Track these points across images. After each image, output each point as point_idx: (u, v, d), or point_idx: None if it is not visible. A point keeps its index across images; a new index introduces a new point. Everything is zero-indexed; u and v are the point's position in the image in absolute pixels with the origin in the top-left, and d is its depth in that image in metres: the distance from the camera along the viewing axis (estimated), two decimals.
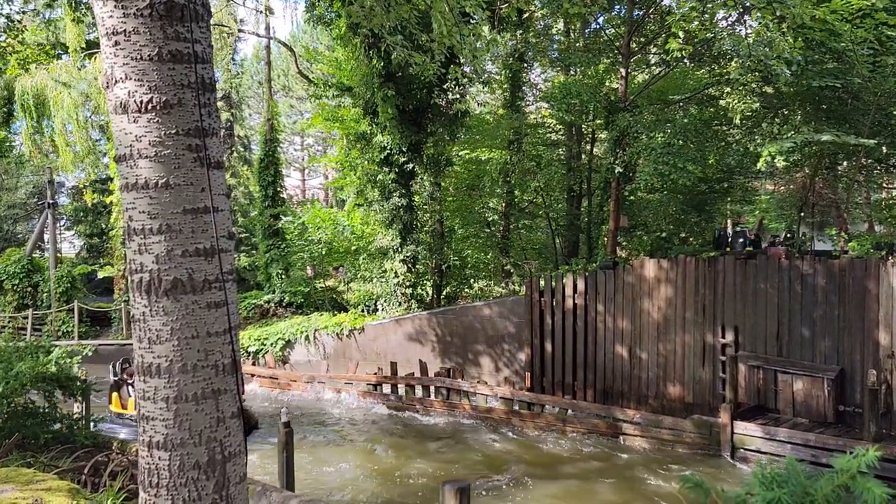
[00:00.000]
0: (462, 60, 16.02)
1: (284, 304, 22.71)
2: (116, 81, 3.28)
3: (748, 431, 12.10)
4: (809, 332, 12.58)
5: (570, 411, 14.80)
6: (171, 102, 3.27)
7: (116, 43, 3.25)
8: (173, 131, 3.27)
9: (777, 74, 10.12)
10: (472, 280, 24.03)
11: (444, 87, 18.61)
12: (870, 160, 16.39)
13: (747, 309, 13.42)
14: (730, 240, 16.80)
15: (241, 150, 30.52)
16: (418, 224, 20.42)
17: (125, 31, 3.23)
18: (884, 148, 14.23)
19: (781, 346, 12.98)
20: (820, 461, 11.09)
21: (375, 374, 17.57)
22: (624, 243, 19.98)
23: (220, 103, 29.63)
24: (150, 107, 3.24)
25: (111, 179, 26.70)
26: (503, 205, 21.93)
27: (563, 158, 22.49)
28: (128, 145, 3.29)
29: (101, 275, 33.24)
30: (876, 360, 11.71)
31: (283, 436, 8.36)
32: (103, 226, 28.60)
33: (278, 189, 24.25)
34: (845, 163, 18.10)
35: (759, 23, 9.95)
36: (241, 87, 31.42)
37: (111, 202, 26.52)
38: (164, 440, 3.34)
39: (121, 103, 3.28)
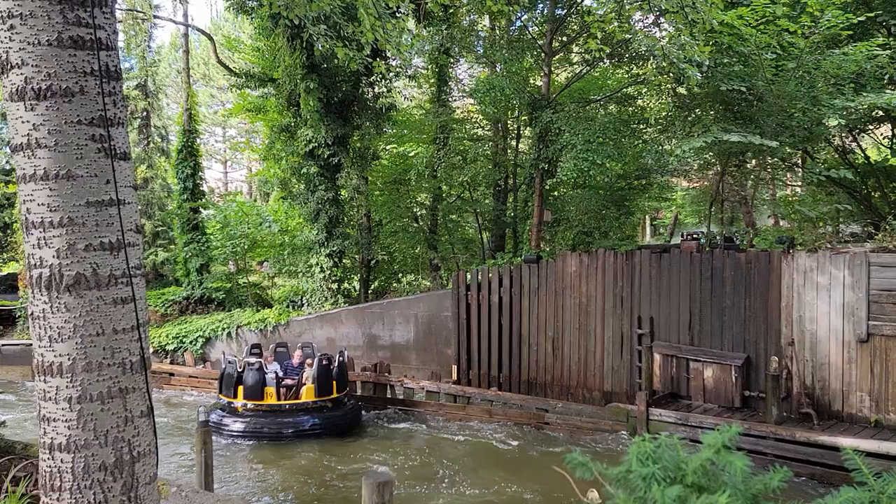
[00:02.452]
0: (388, 54, 15.96)
1: (205, 301, 22.04)
2: (12, 67, 3.12)
3: (662, 417, 12.66)
4: (719, 322, 13.25)
5: (495, 403, 15.08)
6: (73, 90, 3.13)
7: (12, 27, 3.09)
8: (75, 120, 3.14)
9: (688, 76, 10.59)
10: (400, 274, 24.03)
11: (371, 80, 18.49)
12: (774, 159, 17.35)
13: (662, 300, 14.00)
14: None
15: (159, 140, 29.31)
16: (345, 218, 20.24)
17: (21, 14, 3.07)
18: (787, 148, 15.11)
19: (693, 336, 13.62)
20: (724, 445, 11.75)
21: None
22: (548, 237, 20.46)
23: (135, 92, 28.36)
24: (48, 94, 3.10)
25: (14, 170, 25.11)
26: (431, 199, 22.01)
27: (489, 153, 22.76)
28: (25, 134, 3.14)
29: (4, 271, 31.27)
30: (778, 347, 12.46)
31: (200, 435, 8.14)
32: (6, 219, 26.91)
33: (198, 181, 23.45)
34: (753, 161, 19.11)
35: (673, 26, 10.40)
36: (158, 75, 30.09)
37: (15, 193, 24.99)
38: (66, 442, 3.21)
39: (17, 90, 3.12)
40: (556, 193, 20.96)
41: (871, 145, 20.50)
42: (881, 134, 19.18)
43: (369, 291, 21.64)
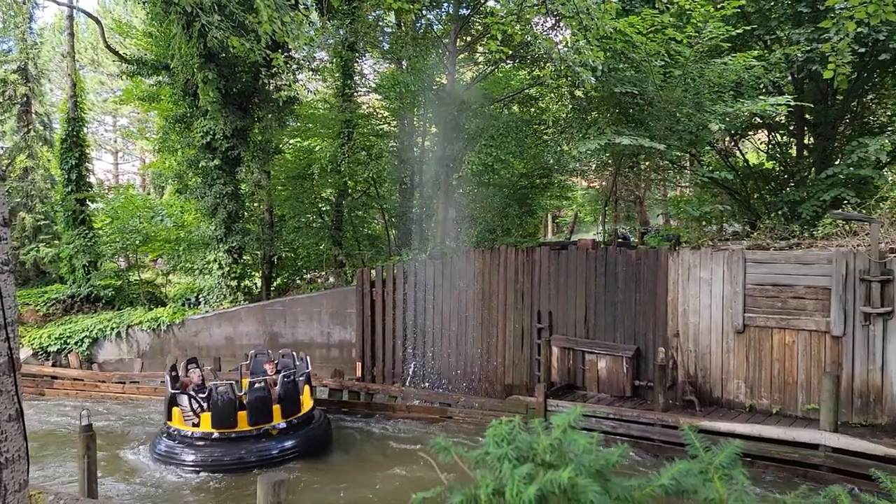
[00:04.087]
0: (290, 46, 15.60)
1: (92, 299, 20.79)
2: None
3: (559, 408, 13.10)
4: (612, 316, 13.88)
5: (398, 399, 15.12)
6: None
7: None
8: None
9: (583, 80, 11.01)
10: (304, 271, 23.61)
11: (272, 71, 18.03)
12: (665, 161, 18.35)
13: (560, 296, 14.50)
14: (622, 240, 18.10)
15: (41, 128, 27.26)
16: (245, 213, 19.66)
17: None
18: (676, 151, 16.02)
19: (589, 329, 14.19)
20: (617, 431, 12.36)
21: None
22: (452, 234, 20.71)
23: (14, 76, 26.28)
24: None
25: None
26: (335, 195, 21.75)
27: (395, 150, 22.75)
28: None
29: None
30: (665, 339, 13.20)
31: (83, 440, 7.69)
32: None
33: (84, 172, 22.04)
34: (647, 163, 20.14)
35: (571, 31, 10.78)
36: (41, 59, 28.02)
37: None
38: None
39: None
40: (461, 191, 21.22)
41: (751, 149, 22.06)
42: (758, 139, 20.69)
43: (272, 289, 21.14)
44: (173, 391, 12.18)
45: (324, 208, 22.30)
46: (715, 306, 12.69)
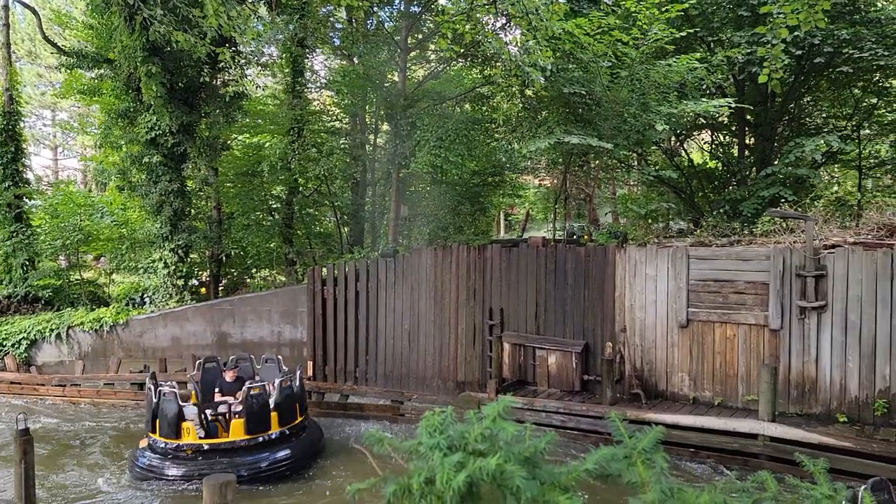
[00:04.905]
0: (238, 41, 15.32)
1: (30, 300, 20.01)
2: None
3: (511, 404, 13.23)
4: (561, 312, 14.09)
5: (350, 398, 15.05)
6: None
7: None
8: None
9: (533, 79, 11.16)
10: (253, 270, 23.25)
11: (220, 66, 17.68)
12: (613, 160, 18.73)
13: (511, 292, 14.65)
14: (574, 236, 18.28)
15: None
16: (192, 211, 19.23)
17: None
18: (623, 150, 16.38)
19: (539, 325, 14.37)
20: (567, 425, 12.58)
21: (141, 371, 16.25)
22: (405, 232, 20.71)
23: None
24: None
25: None
26: (286, 192, 21.48)
27: (346, 147, 22.60)
28: None
29: None
30: (612, 334, 13.48)
31: (20, 444, 7.42)
32: None
33: (20, 168, 21.17)
34: (596, 162, 20.52)
35: (521, 31, 10.91)
36: None
37: None
38: None
39: None
40: (413, 189, 21.23)
41: (695, 149, 22.71)
42: (702, 139, 21.32)
43: (220, 287, 20.75)
44: (182, 404, 11.02)
45: (274, 206, 22.00)
46: (660, 302, 13.02)
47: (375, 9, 18.54)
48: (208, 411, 11.15)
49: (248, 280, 22.69)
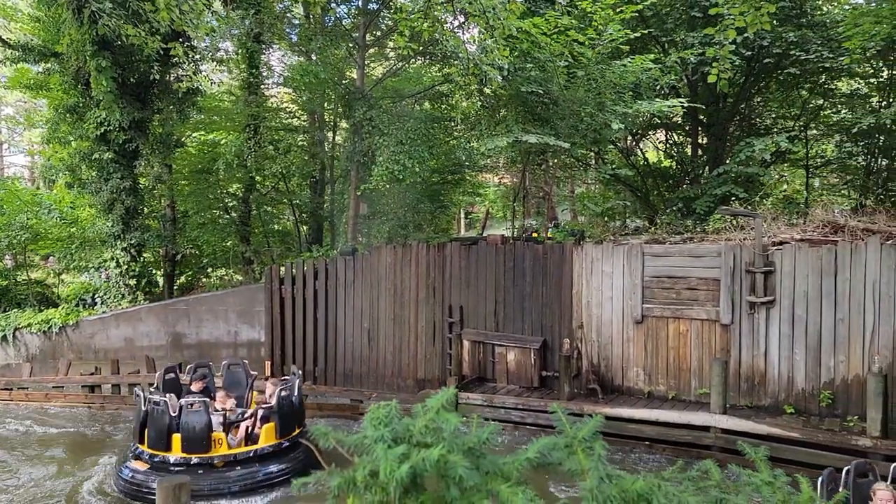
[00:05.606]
0: (192, 36, 15.01)
1: None
2: None
3: (470, 401, 13.32)
4: (520, 309, 14.22)
5: (309, 397, 14.90)
6: None
7: None
8: None
9: (490, 78, 11.22)
10: (209, 269, 22.83)
11: (173, 61, 17.30)
12: (571, 158, 18.97)
13: (471, 290, 14.72)
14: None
15: None
16: (145, 209, 18.80)
17: None
18: (580, 149, 16.61)
19: (498, 322, 14.48)
20: (526, 421, 12.71)
21: (93, 374, 15.81)
22: (364, 230, 20.60)
23: None
24: None
25: None
26: (243, 190, 21.15)
27: (305, 145, 22.36)
28: None
29: None
30: (570, 330, 13.66)
31: None
32: None
33: None
34: (554, 160, 20.75)
35: (479, 30, 10.95)
36: None
37: None
38: None
39: None
40: (371, 187, 21.13)
41: (651, 148, 23.15)
42: (657, 139, 21.75)
43: (175, 287, 20.33)
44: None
45: (230, 204, 21.64)
46: (616, 298, 13.25)
47: (333, 5, 18.40)
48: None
49: (204, 279, 22.28)
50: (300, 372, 11.98)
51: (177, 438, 9.82)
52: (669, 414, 11.70)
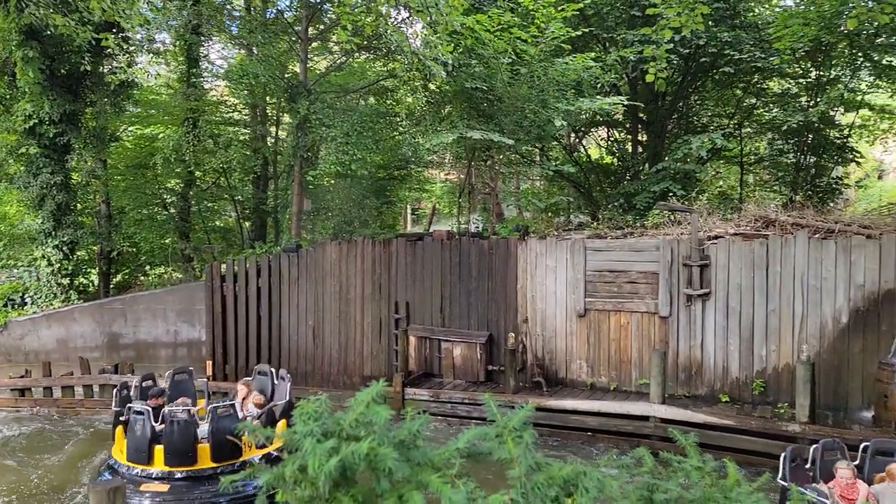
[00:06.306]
0: (125, 26, 14.48)
1: None
2: None
3: (417, 396, 13.33)
4: (466, 304, 14.30)
5: None
6: None
7: None
8: None
9: (434, 74, 11.23)
10: (147, 267, 22.13)
11: (106, 52, 16.67)
12: (516, 154, 19.16)
13: (417, 286, 14.71)
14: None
15: None
16: (78, 205, 18.08)
17: None
18: (525, 145, 16.79)
19: (445, 318, 14.52)
20: (472, 416, 12.79)
21: (22, 376, 15.11)
22: (309, 226, 20.33)
23: None
24: None
25: None
26: (182, 185, 20.57)
27: (247, 139, 21.91)
28: None
29: None
30: (515, 324, 13.82)
31: None
32: None
33: None
34: (499, 156, 20.93)
35: (422, 25, 10.94)
36: None
37: None
38: None
39: None
40: (316, 182, 20.87)
41: (593, 145, 23.59)
42: (599, 136, 22.17)
43: (111, 286, 19.63)
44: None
45: (169, 200, 21.02)
46: (560, 292, 13.46)
47: None
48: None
49: (142, 278, 21.59)
50: (289, 376, 10.98)
51: (159, 450, 8.83)
52: (611, 405, 11.97)
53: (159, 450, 8.79)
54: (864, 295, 11.16)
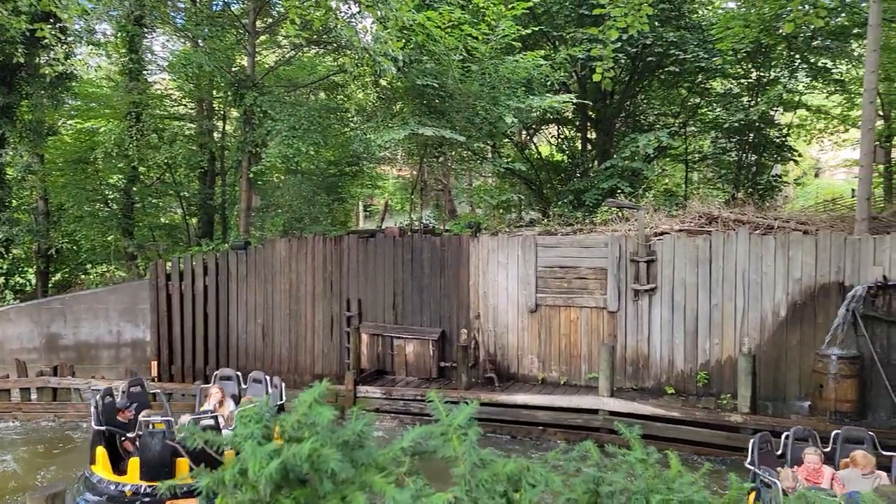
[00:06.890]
0: (62, 17, 13.92)
1: None
2: None
3: (369, 394, 13.26)
4: (418, 301, 14.28)
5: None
6: None
7: None
8: None
9: (384, 69, 11.16)
10: (89, 265, 21.36)
11: (42, 43, 15.99)
12: (468, 151, 19.23)
13: (369, 283, 14.62)
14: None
15: None
16: (13, 201, 17.32)
17: None
18: (477, 142, 16.85)
19: (397, 315, 14.47)
20: (425, 412, 12.78)
21: None
22: (258, 223, 19.96)
23: None
24: None
25: None
26: (125, 181, 19.92)
27: (193, 134, 21.35)
28: None
29: None
30: (468, 321, 13.87)
31: None
32: None
33: None
34: (451, 153, 20.97)
35: (373, 20, 10.84)
36: None
37: None
38: None
39: None
40: (265, 178, 20.49)
41: (544, 143, 23.84)
42: (550, 133, 22.44)
43: (49, 285, 18.90)
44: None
45: (111, 196, 20.33)
46: (511, 288, 13.57)
47: None
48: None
49: (83, 277, 20.82)
50: (283, 383, 10.70)
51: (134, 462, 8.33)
52: (561, 399, 12.14)
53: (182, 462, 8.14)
54: (801, 289, 11.60)
